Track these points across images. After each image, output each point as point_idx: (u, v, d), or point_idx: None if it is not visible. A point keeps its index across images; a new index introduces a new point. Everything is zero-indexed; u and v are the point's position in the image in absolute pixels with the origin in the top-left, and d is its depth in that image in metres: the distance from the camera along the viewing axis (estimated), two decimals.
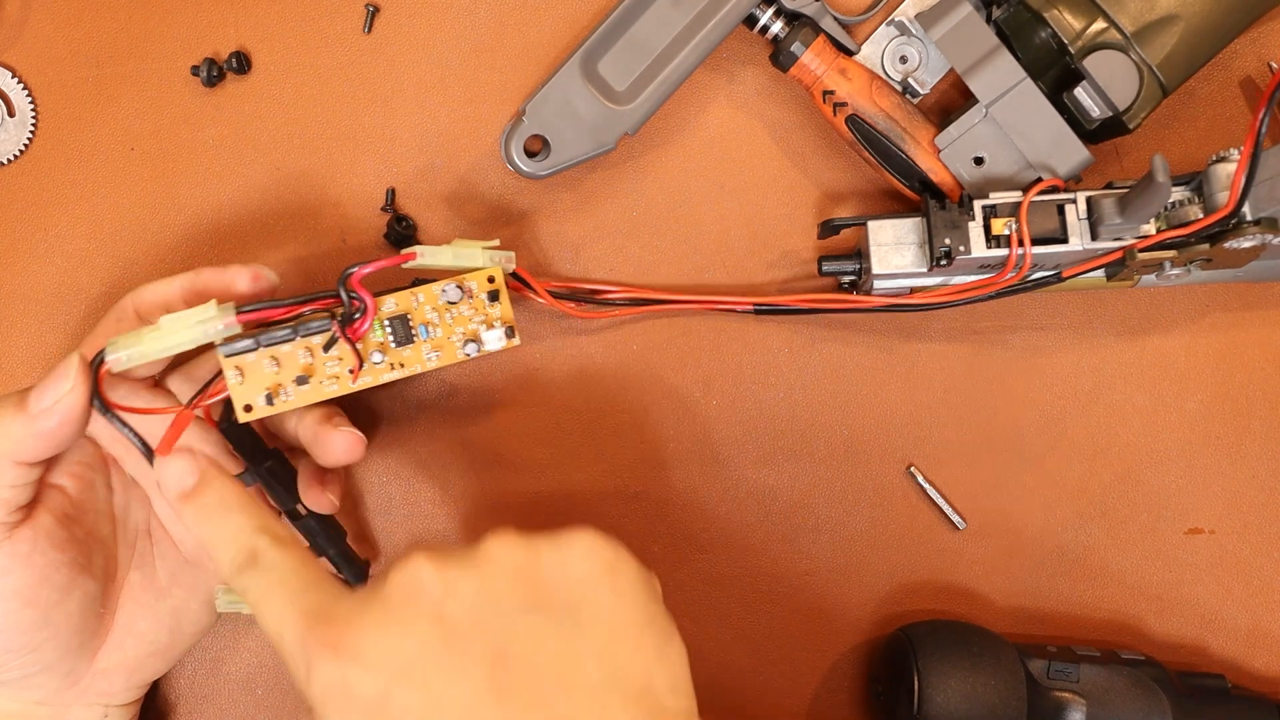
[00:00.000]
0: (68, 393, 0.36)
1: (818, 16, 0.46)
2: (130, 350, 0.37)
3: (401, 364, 0.41)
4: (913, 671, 0.43)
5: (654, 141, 0.49)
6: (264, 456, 0.42)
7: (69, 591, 0.39)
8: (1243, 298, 0.48)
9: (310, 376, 0.40)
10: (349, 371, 0.40)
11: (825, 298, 0.46)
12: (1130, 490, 0.48)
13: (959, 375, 0.49)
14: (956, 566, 0.48)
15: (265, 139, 0.49)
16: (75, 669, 0.41)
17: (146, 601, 0.42)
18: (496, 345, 0.42)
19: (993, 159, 0.45)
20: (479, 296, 0.41)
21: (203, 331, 0.38)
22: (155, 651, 0.43)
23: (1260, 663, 0.48)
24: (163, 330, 0.38)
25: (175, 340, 0.38)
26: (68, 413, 0.37)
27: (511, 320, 0.42)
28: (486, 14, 0.49)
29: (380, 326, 0.41)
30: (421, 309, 0.41)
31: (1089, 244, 0.43)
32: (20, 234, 0.49)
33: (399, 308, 0.41)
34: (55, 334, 0.49)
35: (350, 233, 0.49)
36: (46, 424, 0.37)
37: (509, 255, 0.42)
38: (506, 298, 0.42)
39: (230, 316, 0.38)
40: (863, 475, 0.49)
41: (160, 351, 0.38)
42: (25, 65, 0.49)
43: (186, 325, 0.38)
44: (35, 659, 0.39)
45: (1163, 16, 0.43)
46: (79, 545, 0.40)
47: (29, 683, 0.40)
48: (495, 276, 0.41)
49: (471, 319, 0.42)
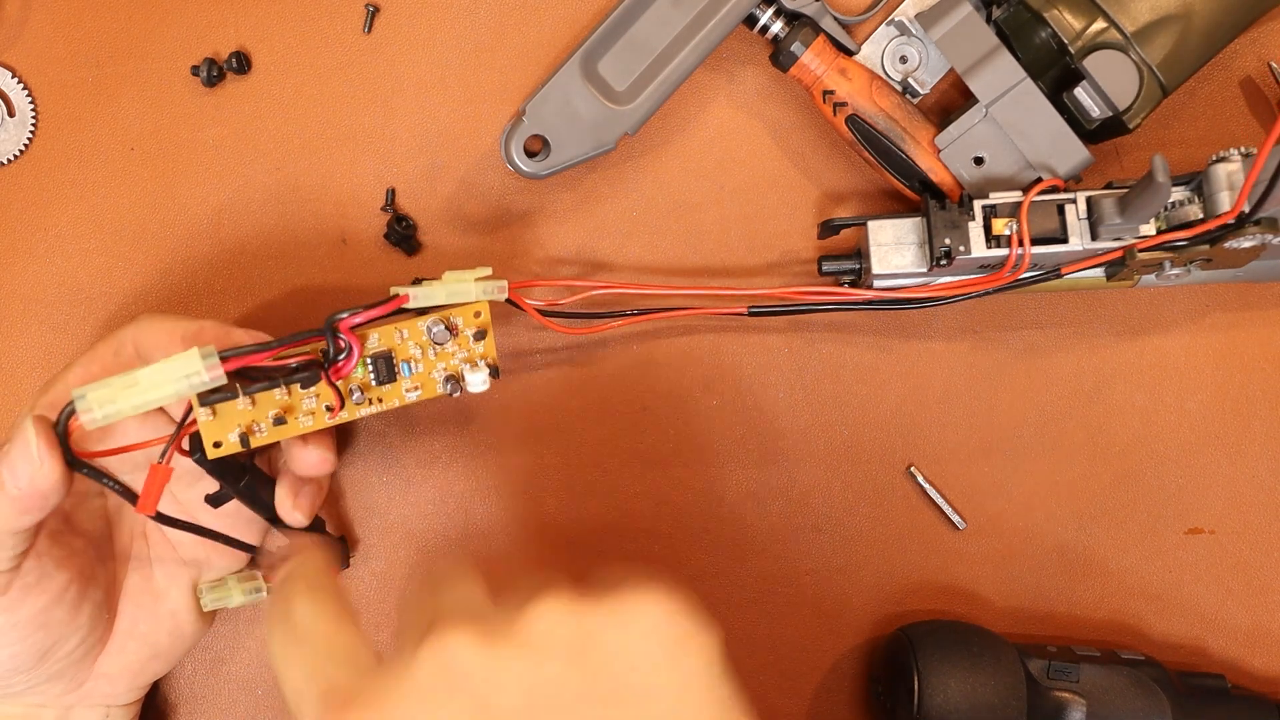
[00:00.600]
0: (39, 470, 0.35)
1: (818, 16, 0.46)
2: (106, 409, 0.35)
3: (380, 399, 0.40)
4: (913, 671, 0.43)
5: (654, 141, 0.49)
6: (239, 474, 0.41)
7: (80, 606, 0.39)
8: (1243, 298, 0.48)
9: (287, 415, 0.39)
10: (326, 408, 0.39)
11: (817, 291, 0.46)
12: (1130, 490, 0.48)
13: (959, 375, 0.49)
14: (956, 566, 0.48)
15: (265, 139, 0.49)
16: (78, 675, 0.41)
17: (145, 604, 0.42)
18: (479, 388, 0.40)
19: (993, 159, 0.45)
20: (464, 333, 0.41)
21: (187, 386, 0.35)
22: (156, 654, 0.43)
23: (1260, 663, 0.48)
24: (141, 386, 0.35)
25: (155, 396, 0.35)
26: (46, 486, 0.35)
27: (495, 358, 0.41)
28: (486, 14, 0.49)
29: (363, 365, 0.39)
30: (405, 345, 0.40)
31: (1089, 244, 0.43)
32: (20, 234, 0.49)
33: (382, 344, 0.40)
34: (55, 334, 0.49)
35: (350, 233, 0.49)
36: (29, 502, 0.35)
37: (501, 285, 0.41)
38: (492, 336, 0.41)
39: (216, 369, 0.35)
40: (863, 475, 0.49)
41: (137, 408, 0.35)
42: (25, 65, 0.49)
43: (169, 379, 0.35)
44: (43, 672, 0.39)
45: (1163, 16, 0.43)
46: (80, 557, 0.40)
47: (33, 691, 0.40)
48: (482, 312, 0.40)
49: (455, 355, 0.41)
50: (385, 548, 0.49)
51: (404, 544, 0.49)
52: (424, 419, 0.49)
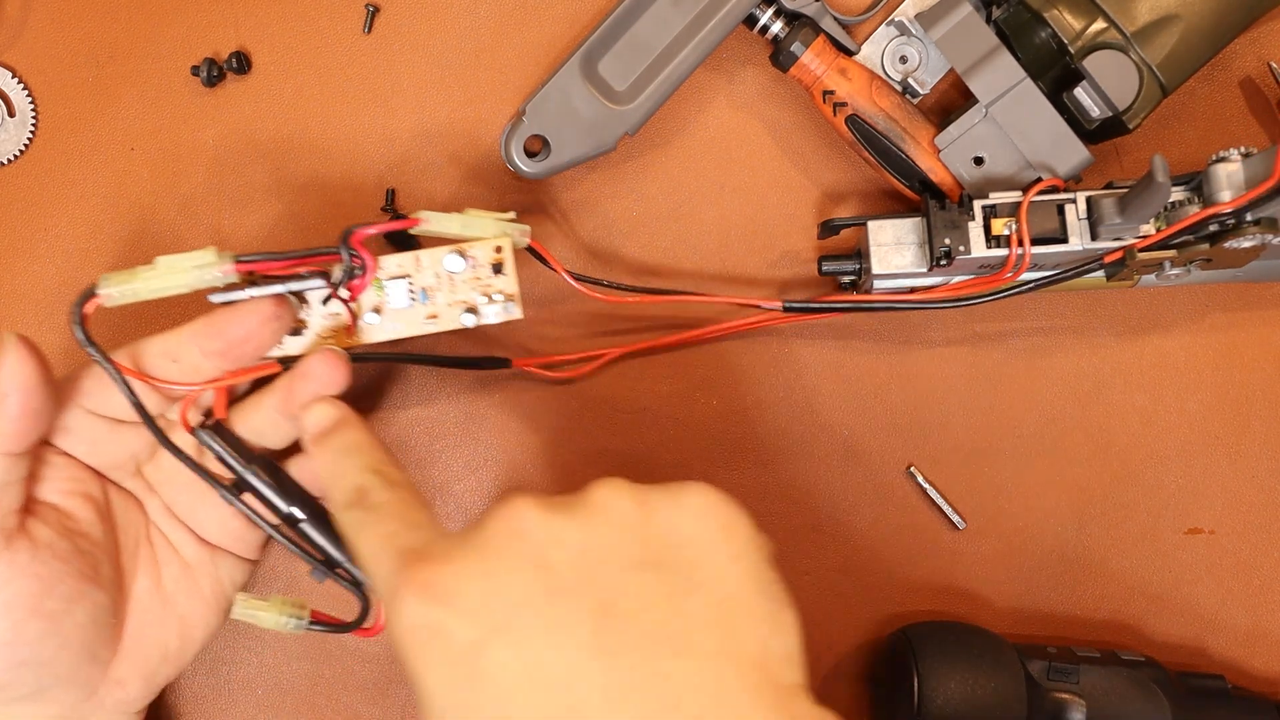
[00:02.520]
0: (12, 366, 0.35)
1: (818, 16, 0.46)
2: (122, 287, 0.36)
3: (397, 326, 0.41)
4: (913, 672, 0.43)
5: (654, 141, 0.49)
6: (252, 458, 0.41)
7: (76, 601, 0.39)
8: (1243, 298, 0.48)
9: (303, 329, 0.40)
10: (344, 328, 0.40)
11: (856, 297, 0.46)
12: (1130, 490, 0.48)
13: (959, 375, 0.49)
14: (956, 566, 0.48)
15: (265, 139, 0.49)
16: (90, 681, 0.41)
17: (154, 608, 0.42)
18: (495, 319, 0.41)
19: (993, 159, 0.45)
20: (483, 266, 0.41)
21: (199, 277, 0.37)
22: (167, 658, 0.43)
23: (1260, 663, 0.48)
24: (158, 270, 0.36)
25: (170, 282, 0.36)
26: (22, 381, 0.36)
27: (515, 294, 0.41)
28: (486, 14, 0.49)
29: (379, 287, 0.40)
30: (424, 272, 0.40)
31: (1089, 244, 0.43)
32: (20, 234, 0.49)
33: (400, 269, 0.40)
34: (55, 334, 0.49)
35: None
36: (10, 404, 0.36)
37: (524, 229, 0.41)
38: (513, 270, 0.41)
39: (228, 264, 0.37)
40: (863, 475, 0.49)
41: (153, 292, 0.36)
42: (25, 65, 0.49)
43: (183, 269, 0.36)
44: (48, 672, 0.39)
45: (1163, 16, 0.43)
46: (84, 556, 0.39)
47: (46, 697, 0.40)
48: (503, 246, 0.40)
49: (474, 287, 0.41)
50: None
51: None
52: (425, 419, 0.49)
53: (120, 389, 0.38)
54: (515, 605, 0.30)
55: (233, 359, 0.40)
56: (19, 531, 0.38)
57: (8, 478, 0.37)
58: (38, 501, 0.39)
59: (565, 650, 0.29)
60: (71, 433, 0.40)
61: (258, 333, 0.39)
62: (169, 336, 0.40)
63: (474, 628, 0.29)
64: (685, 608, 0.30)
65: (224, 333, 0.39)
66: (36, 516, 0.39)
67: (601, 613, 0.29)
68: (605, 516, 0.31)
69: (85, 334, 0.36)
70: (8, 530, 0.38)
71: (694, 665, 0.29)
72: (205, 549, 0.43)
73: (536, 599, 0.30)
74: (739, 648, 0.30)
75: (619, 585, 0.30)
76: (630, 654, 0.29)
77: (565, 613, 0.29)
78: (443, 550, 0.31)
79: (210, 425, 0.40)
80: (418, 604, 0.30)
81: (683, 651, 0.29)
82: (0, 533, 0.37)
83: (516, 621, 0.29)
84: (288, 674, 0.48)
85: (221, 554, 0.43)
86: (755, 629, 0.31)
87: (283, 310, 0.39)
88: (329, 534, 0.42)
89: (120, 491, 0.42)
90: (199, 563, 0.43)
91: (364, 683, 0.48)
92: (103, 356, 0.37)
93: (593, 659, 0.29)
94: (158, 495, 0.43)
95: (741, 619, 0.31)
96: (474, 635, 0.29)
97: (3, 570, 0.37)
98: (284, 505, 0.41)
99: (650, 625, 0.30)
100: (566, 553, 0.30)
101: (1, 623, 0.37)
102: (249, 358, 0.40)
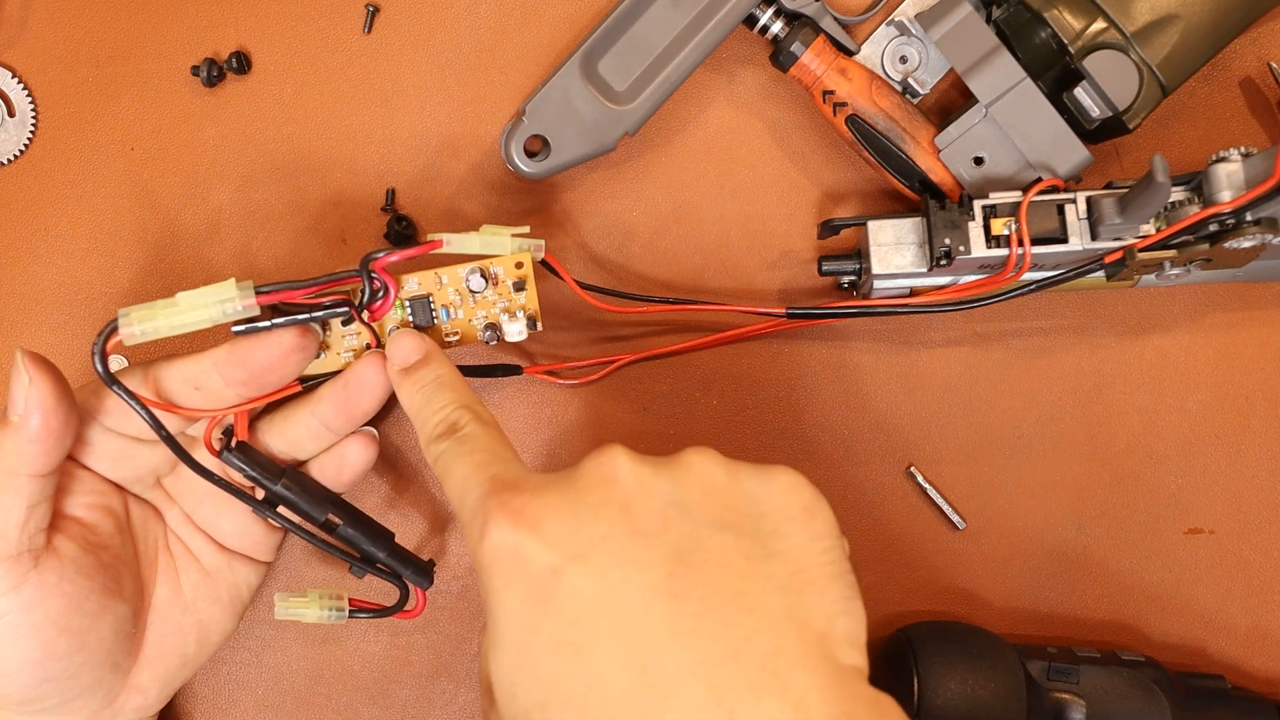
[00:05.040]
0: (30, 385, 0.36)
1: (818, 16, 0.46)
2: (144, 325, 0.36)
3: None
4: (913, 672, 0.43)
5: (654, 141, 0.49)
6: (278, 473, 0.41)
7: (101, 616, 0.39)
8: (1243, 298, 0.48)
9: (326, 350, 0.41)
10: (366, 346, 0.40)
11: (859, 303, 0.46)
12: (1130, 490, 0.48)
13: (959, 375, 0.49)
14: (956, 566, 0.48)
15: (265, 139, 0.49)
16: (112, 689, 0.41)
17: (174, 616, 0.42)
18: (516, 337, 0.42)
19: (993, 159, 0.45)
20: (504, 283, 0.41)
21: (221, 311, 0.37)
22: (185, 663, 0.43)
23: (1260, 663, 0.48)
24: (180, 306, 0.36)
25: (192, 319, 0.36)
26: (42, 401, 0.36)
27: (536, 311, 0.42)
28: (486, 14, 0.49)
29: (401, 306, 0.41)
30: (444, 290, 0.41)
31: (1089, 244, 0.43)
32: (20, 234, 0.49)
33: (421, 288, 0.41)
34: (55, 334, 0.49)
35: (350, 233, 0.49)
36: (32, 425, 0.36)
37: (538, 244, 0.42)
38: (534, 286, 0.41)
39: (250, 297, 0.37)
40: (863, 475, 0.49)
41: (174, 329, 0.36)
42: (25, 65, 0.49)
43: (205, 303, 0.37)
44: (74, 684, 0.39)
45: (1163, 16, 0.43)
46: (107, 570, 0.40)
47: (68, 707, 0.40)
48: (524, 263, 0.41)
49: (495, 304, 0.42)
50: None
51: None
52: None
53: (145, 420, 0.38)
54: (597, 539, 0.31)
55: (256, 387, 0.40)
56: (46, 549, 0.38)
57: (36, 498, 0.37)
58: (61, 515, 0.39)
59: (638, 585, 0.30)
60: (93, 449, 0.40)
61: (282, 363, 0.39)
62: (191, 363, 0.39)
63: (555, 554, 0.30)
64: (759, 570, 0.31)
65: (248, 363, 0.39)
66: (61, 531, 0.39)
67: (677, 559, 0.31)
68: (695, 476, 0.32)
69: (108, 372, 0.37)
70: (36, 550, 0.37)
71: (758, 622, 0.30)
72: (223, 555, 0.43)
73: (618, 535, 0.31)
74: (805, 617, 0.31)
75: (698, 538, 0.31)
76: (699, 600, 0.30)
77: (643, 552, 0.31)
78: (534, 484, 0.32)
79: (234, 446, 0.40)
80: (505, 527, 0.31)
81: (751, 609, 0.30)
82: (30, 553, 0.37)
83: (595, 553, 0.30)
84: (288, 674, 0.48)
85: (239, 559, 0.44)
86: (825, 606, 0.31)
87: (307, 340, 0.40)
88: (364, 531, 0.42)
89: (139, 502, 0.42)
90: (217, 569, 0.43)
91: (364, 683, 0.48)
92: (128, 394, 0.37)
93: (663, 598, 0.30)
94: (177, 505, 0.43)
95: (812, 594, 0.31)
96: (554, 560, 0.30)
97: (33, 592, 0.37)
98: (319, 515, 0.41)
99: (723, 578, 0.31)
100: (652, 501, 0.32)
101: (31, 642, 0.37)
102: (272, 385, 0.40)
